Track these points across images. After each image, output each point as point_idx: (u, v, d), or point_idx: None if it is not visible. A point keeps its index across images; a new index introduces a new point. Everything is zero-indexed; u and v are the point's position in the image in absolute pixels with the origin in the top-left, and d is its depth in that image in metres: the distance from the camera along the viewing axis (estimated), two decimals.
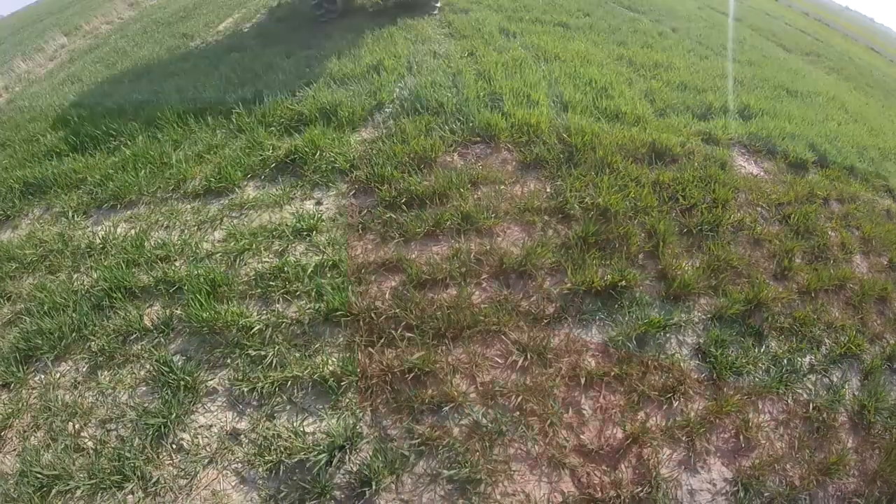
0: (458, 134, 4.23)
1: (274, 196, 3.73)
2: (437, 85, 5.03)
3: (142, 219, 3.76)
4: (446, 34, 7.36)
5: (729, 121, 5.30)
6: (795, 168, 4.83)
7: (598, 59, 6.51)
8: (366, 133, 4.42)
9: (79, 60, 9.71)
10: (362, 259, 3.10)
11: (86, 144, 4.95)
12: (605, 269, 3.16)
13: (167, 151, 4.46)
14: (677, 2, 14.09)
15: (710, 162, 4.38)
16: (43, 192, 4.38)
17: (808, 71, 9.76)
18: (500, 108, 4.62)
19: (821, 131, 5.65)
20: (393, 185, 3.60)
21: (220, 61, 6.79)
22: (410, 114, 4.56)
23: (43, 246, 3.67)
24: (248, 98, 5.11)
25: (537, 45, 6.73)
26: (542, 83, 5.33)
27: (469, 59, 6.08)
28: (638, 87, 5.75)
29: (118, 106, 5.75)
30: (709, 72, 6.85)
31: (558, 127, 4.42)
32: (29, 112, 6.85)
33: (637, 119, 4.83)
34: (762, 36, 12.73)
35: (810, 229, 3.96)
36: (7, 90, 9.49)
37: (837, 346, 3.16)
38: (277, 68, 6.03)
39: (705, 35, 9.67)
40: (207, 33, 9.09)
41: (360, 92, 5.00)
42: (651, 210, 3.64)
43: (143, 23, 11.50)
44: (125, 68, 7.57)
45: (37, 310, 3.10)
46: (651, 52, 7.29)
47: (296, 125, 4.57)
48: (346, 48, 6.42)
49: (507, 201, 3.58)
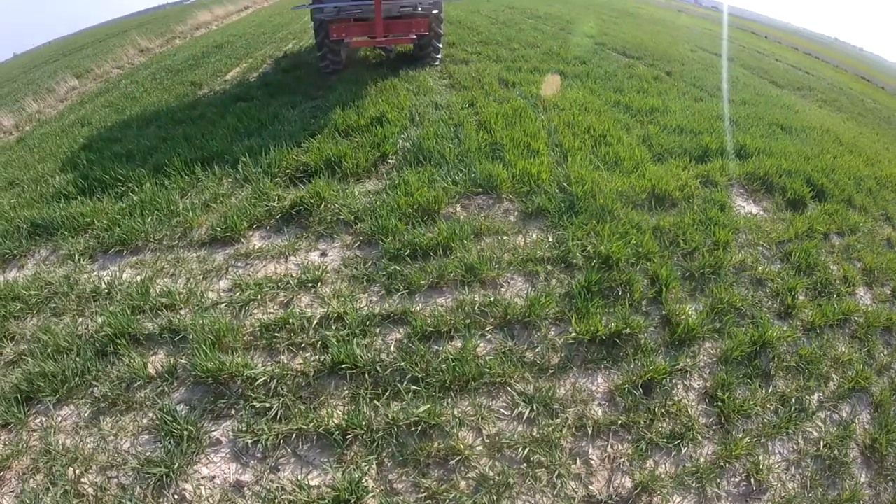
0: (461, 185, 4.35)
1: (279, 247, 3.80)
2: (439, 136, 5.20)
3: (148, 266, 3.80)
4: (447, 85, 7.62)
5: (726, 162, 5.42)
6: (794, 204, 4.92)
7: (596, 106, 6.71)
8: (370, 184, 4.55)
9: (89, 103, 9.92)
10: (367, 311, 3.15)
11: (94, 188, 5.02)
12: (609, 317, 3.21)
13: (174, 199, 4.53)
14: (671, 45, 14.56)
15: (710, 204, 4.49)
16: (50, 234, 4.42)
17: (801, 105, 9.93)
18: (502, 159, 4.78)
19: (817, 165, 5.76)
20: (397, 237, 3.69)
21: (227, 110, 6.95)
22: (413, 165, 4.70)
23: (48, 288, 3.69)
24: (255, 148, 5.23)
25: (536, 95, 6.97)
26: (541, 132, 5.51)
27: (470, 109, 6.29)
28: (635, 133, 5.91)
29: (127, 151, 5.87)
30: (704, 114, 7.02)
31: (559, 176, 4.56)
32: (39, 152, 6.98)
33: (635, 165, 4.95)
34: (754, 74, 13.07)
35: (812, 265, 4.02)
36: (18, 129, 9.66)
37: (845, 381, 3.18)
38: (283, 119, 6.19)
39: (699, 77, 9.94)
40: (215, 82, 9.33)
41: (364, 143, 5.15)
42: (653, 256, 3.71)
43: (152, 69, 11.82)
44: (134, 114, 7.72)
45: (40, 352, 3.10)
46: (647, 97, 7.50)
47: (301, 176, 4.68)
48: (350, 100, 6.62)
49: (510, 252, 3.66)
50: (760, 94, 9.68)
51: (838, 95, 13.95)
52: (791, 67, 17.82)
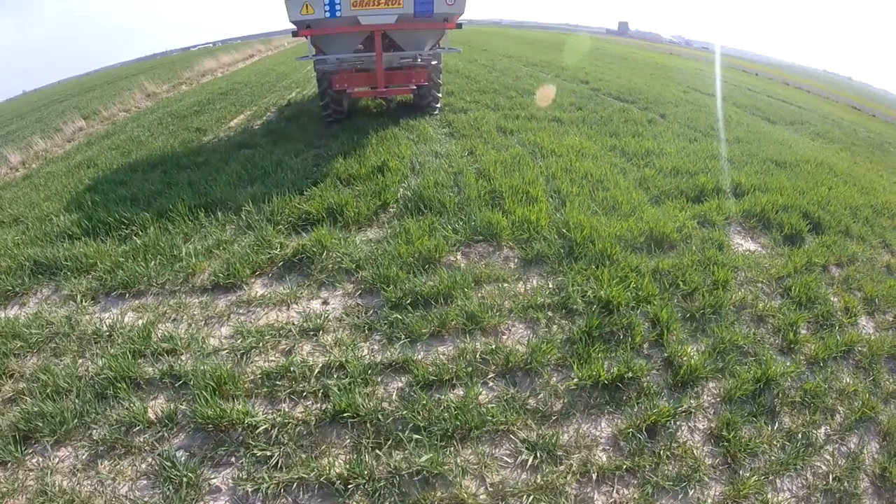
0: (461, 233, 4.45)
1: (281, 294, 3.84)
2: (439, 185, 5.33)
3: (150, 309, 3.83)
4: (447, 134, 7.84)
5: (722, 201, 5.50)
6: (792, 239, 4.98)
7: (593, 151, 6.89)
8: (371, 233, 4.65)
9: (95, 145, 10.06)
10: (369, 360, 3.19)
11: (98, 230, 5.08)
12: (611, 361, 3.23)
13: (177, 244, 4.59)
14: (664, 87, 14.97)
15: (708, 244, 4.56)
16: (53, 273, 4.45)
17: (795, 140, 10.09)
18: (501, 206, 4.89)
19: (812, 198, 5.82)
20: (398, 285, 3.75)
21: (231, 157, 7.08)
22: (414, 214, 4.81)
23: (49, 327, 3.70)
24: (258, 195, 5.34)
25: (534, 142, 7.15)
26: (539, 179, 5.64)
27: (469, 157, 6.47)
28: (632, 177, 6.04)
29: (132, 195, 5.95)
30: (699, 154, 7.15)
31: (558, 222, 4.66)
32: (44, 190, 7.06)
33: (633, 208, 5.03)
34: (747, 111, 13.35)
35: (812, 299, 4.05)
36: (24, 165, 9.78)
37: (852, 413, 3.17)
38: (286, 167, 6.32)
39: (693, 118, 10.15)
40: (220, 129, 9.54)
41: (365, 192, 5.27)
42: (653, 299, 3.75)
43: (158, 114, 12.08)
44: (140, 157, 7.84)
45: (39, 391, 3.10)
46: (642, 141, 7.68)
47: (303, 224, 4.77)
48: (352, 149, 6.80)
49: (511, 299, 3.72)
50: (753, 131, 9.90)
51: (830, 127, 14.20)
52: (783, 102, 18.25)
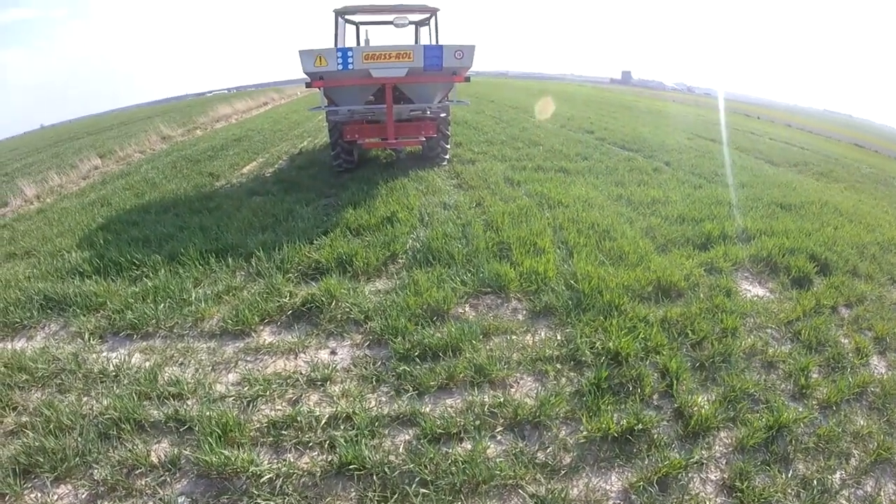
0: (470, 285, 4.50)
1: (289, 343, 3.87)
2: (447, 236, 5.42)
3: (157, 352, 3.86)
4: (455, 185, 8.00)
5: (729, 247, 5.53)
6: (800, 282, 4.98)
7: (599, 201, 7.00)
8: (380, 283, 4.71)
9: (110, 184, 10.27)
10: (376, 412, 3.19)
11: (109, 269, 5.16)
12: (621, 413, 3.21)
13: (187, 288, 4.65)
14: (667, 135, 15.28)
15: (715, 291, 4.58)
16: (62, 309, 4.50)
17: (799, 182, 10.16)
18: (509, 258, 4.96)
19: (819, 240, 5.84)
20: (407, 337, 3.78)
21: (243, 204, 7.23)
22: (423, 265, 4.88)
23: (56, 363, 3.72)
24: (269, 243, 5.42)
25: (541, 193, 7.27)
26: (547, 230, 5.71)
27: (477, 209, 6.58)
28: (638, 226, 6.09)
29: (144, 236, 6.07)
30: (704, 201, 7.23)
31: (565, 273, 4.71)
32: (57, 226, 7.21)
33: (640, 258, 5.06)
34: (750, 155, 13.56)
35: (822, 341, 4.03)
36: (39, 199, 9.96)
37: (867, 455, 3.11)
38: (297, 215, 6.44)
39: (697, 164, 10.33)
40: (232, 174, 9.77)
41: (374, 243, 5.36)
42: (662, 349, 3.74)
43: (172, 157, 12.37)
44: (153, 199, 8.02)
45: (41, 426, 3.10)
46: (648, 189, 7.80)
47: (313, 273, 4.84)
48: (362, 199, 6.95)
49: (519, 351, 3.74)
50: (758, 175, 10.04)
51: (834, 166, 14.38)
52: (785, 145, 18.63)
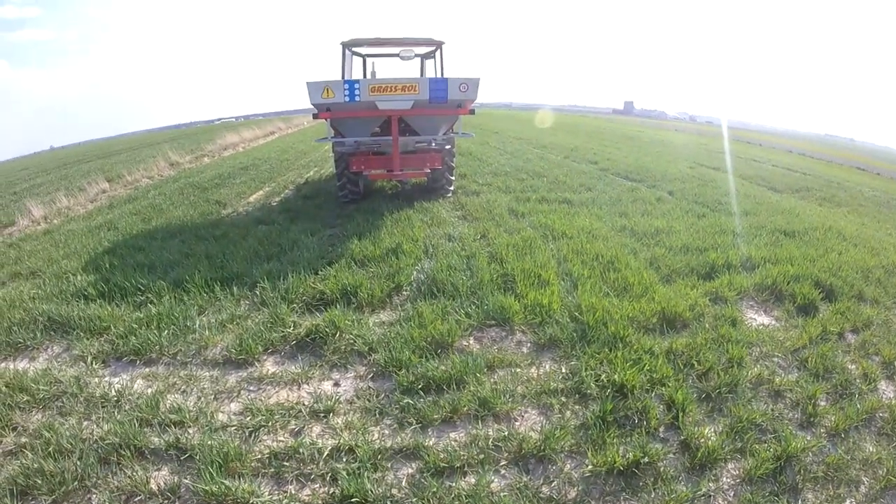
0: (474, 318, 4.49)
1: (293, 374, 3.86)
2: (452, 268, 5.42)
3: (160, 379, 3.85)
4: (460, 216, 8.06)
5: (733, 276, 5.51)
6: (805, 309, 4.95)
7: (603, 232, 7.03)
8: (384, 315, 4.72)
9: (117, 208, 10.36)
10: (379, 444, 3.16)
11: (114, 293, 5.18)
12: (626, 446, 3.17)
13: (192, 316, 4.65)
14: (670, 164, 15.41)
15: (721, 321, 4.55)
16: (66, 332, 4.51)
17: (802, 208, 10.18)
18: (513, 290, 4.95)
19: (823, 265, 5.83)
20: (410, 370, 3.77)
21: (249, 232, 7.26)
22: (427, 297, 4.88)
23: (57, 385, 3.71)
24: (274, 273, 5.44)
25: (545, 224, 7.31)
26: (551, 262, 5.72)
27: (482, 241, 6.61)
28: (642, 256, 6.09)
29: (149, 262, 6.10)
30: (707, 230, 7.26)
31: (570, 305, 4.70)
32: (64, 248, 7.25)
33: (644, 289, 5.04)
34: (752, 182, 13.62)
35: (829, 368, 3.99)
36: (46, 220, 10.04)
37: (877, 482, 3.05)
38: (302, 245, 6.46)
39: (700, 193, 10.37)
40: (239, 203, 9.87)
41: (379, 274, 5.39)
42: (667, 380, 3.71)
43: (180, 183, 12.52)
44: (159, 225, 8.08)
45: (41, 448, 3.07)
46: (651, 219, 7.84)
47: (317, 304, 4.84)
48: (367, 230, 7.01)
49: (524, 384, 3.71)
50: (760, 202, 10.08)
51: (836, 191, 14.42)
52: (787, 171, 18.75)
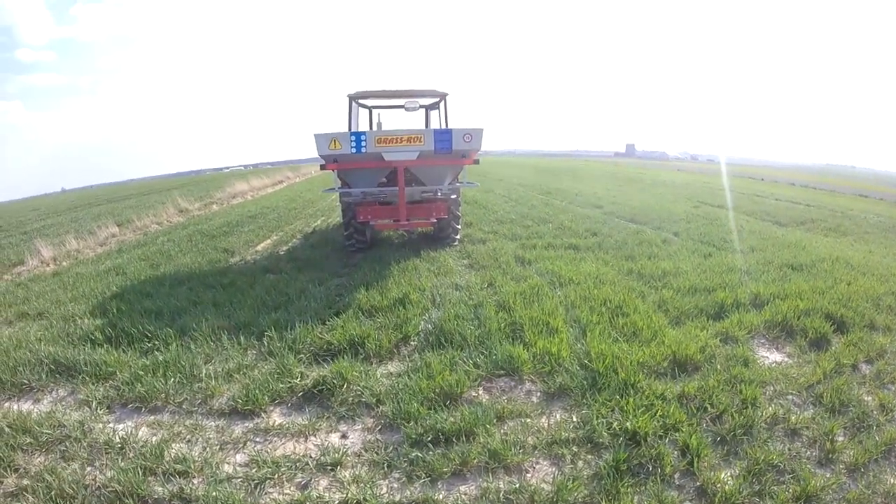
0: (483, 368, 4.44)
1: (299, 425, 3.81)
2: (460, 318, 5.39)
3: (165, 427, 3.81)
4: (466, 265, 8.08)
5: (743, 315, 5.47)
6: (817, 344, 4.91)
7: (610, 277, 7.01)
8: (392, 366, 4.69)
9: (126, 253, 10.47)
10: (388, 498, 3.09)
11: (120, 339, 5.19)
12: (641, 495, 3.09)
13: (198, 364, 4.63)
14: (674, 205, 15.54)
15: (732, 362, 4.50)
16: (71, 375, 4.50)
17: (807, 240, 10.18)
18: (522, 339, 4.91)
19: (833, 297, 5.80)
20: (419, 422, 3.71)
21: (257, 281, 7.29)
22: (435, 348, 4.85)
23: (61, 429, 3.68)
24: (281, 322, 5.43)
25: (552, 271, 7.30)
26: (559, 309, 5.69)
27: (489, 289, 6.59)
28: (651, 300, 6.05)
29: (157, 308, 6.12)
30: (715, 269, 7.24)
31: (579, 353, 4.66)
32: (72, 290, 7.30)
33: (654, 333, 5.00)
34: (757, 218, 13.66)
35: (845, 402, 3.93)
36: (55, 261, 10.12)
37: None
38: (310, 295, 6.46)
39: (705, 232, 10.42)
40: (247, 251, 9.96)
41: (386, 325, 5.38)
42: (681, 425, 3.64)
43: (189, 230, 12.69)
44: (168, 272, 8.14)
45: (42, 492, 3.03)
46: (658, 262, 7.84)
47: (325, 354, 4.81)
48: (374, 280, 7.03)
49: (535, 435, 3.64)
50: (766, 237, 10.10)
51: (841, 220, 14.43)
52: (791, 204, 18.85)
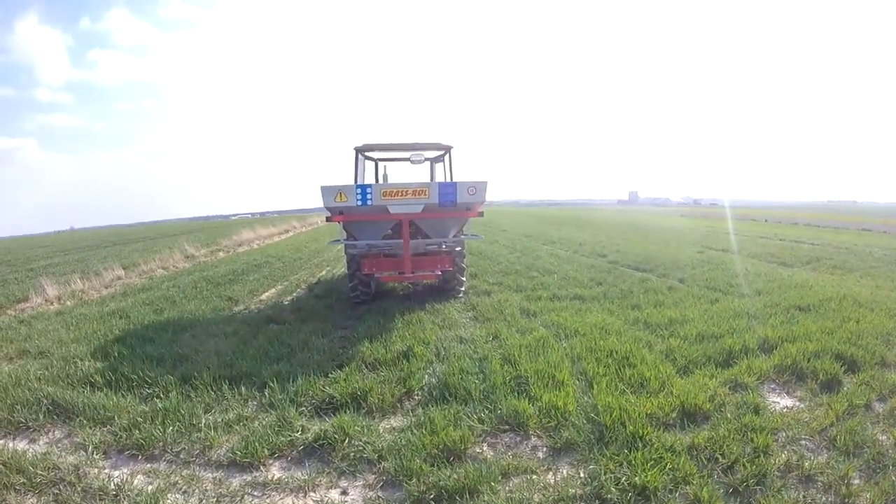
0: (487, 423, 4.36)
1: (299, 480, 3.72)
2: (464, 372, 5.33)
3: (161, 476, 3.73)
4: (471, 317, 8.03)
5: (752, 360, 5.40)
6: (828, 385, 4.84)
7: (616, 326, 6.95)
8: (395, 421, 4.61)
9: (131, 297, 10.52)
10: None
11: (120, 383, 5.16)
12: None
13: (198, 413, 4.58)
14: (679, 251, 15.50)
15: (743, 410, 4.41)
16: (69, 417, 4.46)
17: (813, 280, 10.12)
18: (527, 393, 4.83)
19: (842, 337, 5.73)
20: (422, 479, 3.62)
21: (260, 331, 7.29)
22: (439, 402, 4.77)
23: (56, 472, 3.63)
24: (283, 374, 5.40)
25: (557, 323, 7.26)
26: (564, 361, 5.61)
27: (494, 342, 6.53)
28: (657, 349, 5.97)
29: (159, 354, 6.11)
30: (722, 315, 7.18)
31: (586, 406, 4.57)
32: (74, 331, 7.32)
33: (662, 384, 4.92)
34: (762, 260, 13.55)
35: (859, 443, 3.83)
36: (59, 300, 10.15)
37: None
38: (313, 346, 6.44)
39: (711, 278, 10.36)
40: (251, 300, 9.99)
41: (390, 378, 5.32)
42: (691, 478, 3.53)
43: (194, 276, 12.76)
44: (171, 318, 8.15)
45: None
46: (664, 310, 7.77)
47: (326, 408, 4.75)
48: (378, 332, 7.00)
49: (541, 492, 3.54)
50: (772, 279, 10.06)
51: (846, 256, 14.37)
52: (795, 244, 18.85)
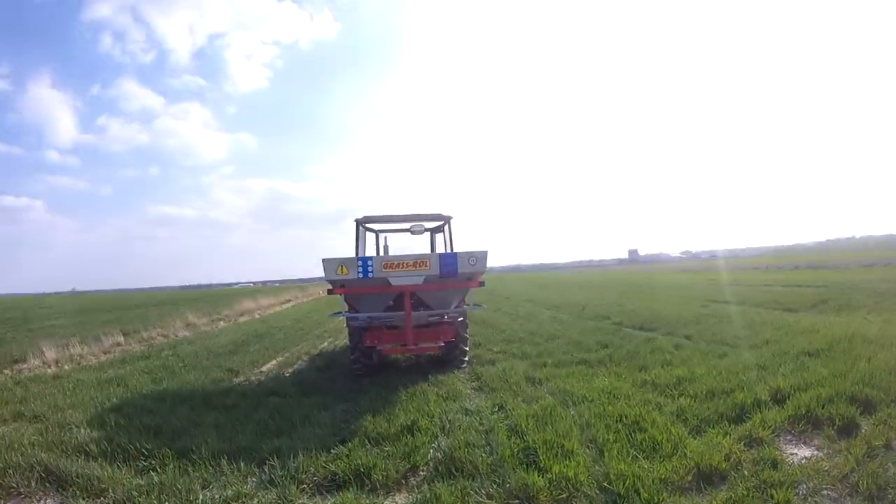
0: (496, 498, 4.19)
1: None
2: (470, 445, 5.18)
3: None
4: (476, 388, 7.86)
5: (765, 413, 5.31)
6: (846, 430, 4.73)
7: (624, 390, 6.77)
8: (400, 498, 4.44)
9: (130, 364, 10.42)
10: None
11: (116, 454, 5.03)
12: None
13: (195, 489, 4.42)
14: (682, 306, 15.30)
15: (760, 466, 4.27)
16: (62, 486, 4.34)
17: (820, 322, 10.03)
18: (536, 464, 4.67)
19: (854, 378, 5.63)
20: None
21: (260, 404, 7.14)
22: (445, 478, 4.60)
23: None
24: (284, 450, 5.22)
25: (564, 389, 7.08)
26: (573, 430, 5.45)
27: (500, 413, 6.35)
28: (668, 410, 5.83)
29: (156, 426, 5.98)
30: (731, 369, 7.05)
31: (597, 475, 4.41)
32: (71, 397, 7.23)
33: (674, 446, 4.78)
34: (767, 308, 13.41)
35: (882, 486, 3.74)
36: (57, 364, 10.04)
37: None
38: (314, 421, 6.28)
39: (717, 332, 10.19)
40: (251, 372, 9.85)
41: (394, 453, 5.14)
42: None
43: (195, 346, 12.70)
44: (170, 388, 8.02)
45: None
46: (672, 369, 7.61)
47: (329, 485, 4.59)
48: (381, 405, 6.84)
49: None
50: (779, 326, 9.93)
51: (850, 294, 14.32)
52: (798, 288, 18.79)
